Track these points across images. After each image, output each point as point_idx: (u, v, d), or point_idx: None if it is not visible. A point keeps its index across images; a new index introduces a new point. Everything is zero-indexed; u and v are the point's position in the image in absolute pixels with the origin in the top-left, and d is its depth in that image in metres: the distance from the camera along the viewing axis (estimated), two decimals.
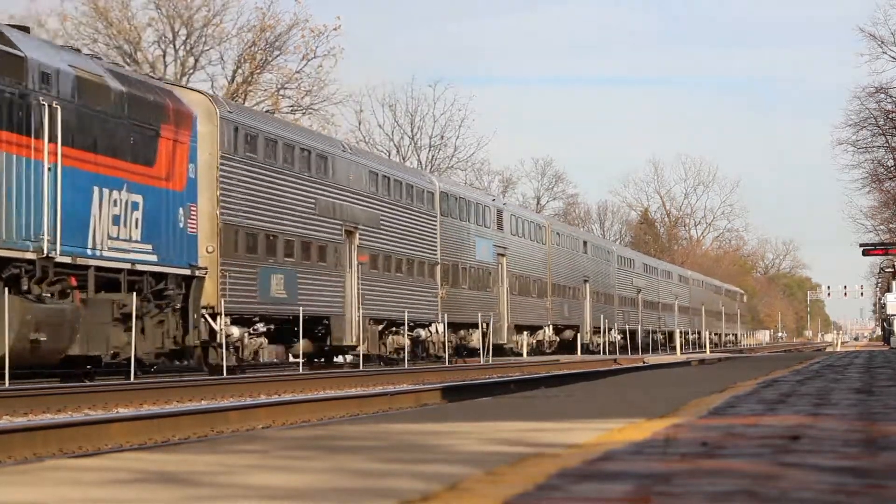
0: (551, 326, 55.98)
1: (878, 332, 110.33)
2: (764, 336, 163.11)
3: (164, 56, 53.92)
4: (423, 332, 40.63)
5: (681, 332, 78.46)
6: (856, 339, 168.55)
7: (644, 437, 4.95)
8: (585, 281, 62.51)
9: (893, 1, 54.86)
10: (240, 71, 55.56)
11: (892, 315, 65.40)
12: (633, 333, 67.94)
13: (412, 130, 77.87)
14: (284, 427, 13.96)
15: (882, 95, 55.02)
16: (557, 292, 56.99)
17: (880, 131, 57.08)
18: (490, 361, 41.85)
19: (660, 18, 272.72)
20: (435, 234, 42.18)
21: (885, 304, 72.06)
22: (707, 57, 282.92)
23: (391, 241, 38.26)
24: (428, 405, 18.20)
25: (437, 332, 41.55)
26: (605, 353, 60.11)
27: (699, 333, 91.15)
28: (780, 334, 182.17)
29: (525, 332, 52.25)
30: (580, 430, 5.36)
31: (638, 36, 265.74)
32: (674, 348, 69.55)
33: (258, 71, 55.71)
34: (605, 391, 10.13)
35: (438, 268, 42.11)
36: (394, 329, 38.46)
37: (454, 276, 43.62)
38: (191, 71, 54.16)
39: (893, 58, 53.78)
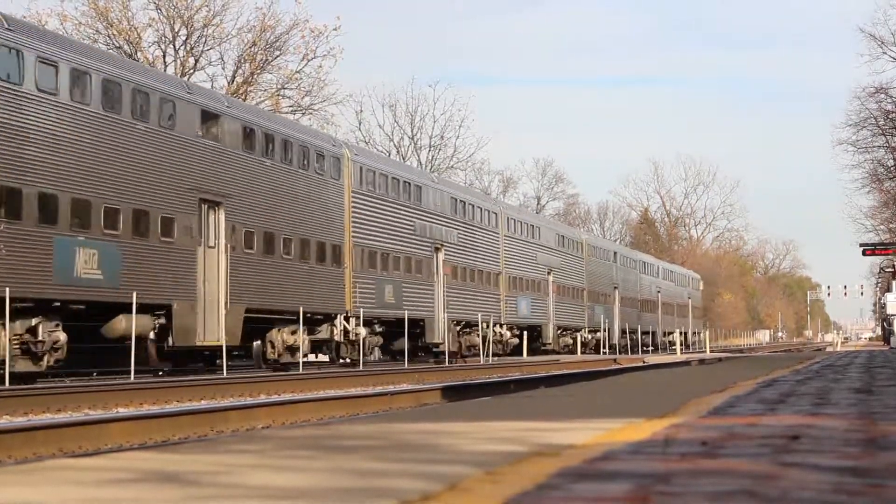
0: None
1: (878, 331, 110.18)
2: (764, 336, 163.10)
3: (164, 56, 53.93)
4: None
5: (553, 329, 55.90)
6: (857, 338, 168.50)
7: (644, 437, 4.95)
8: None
9: (893, 1, 54.95)
10: (240, 71, 55.59)
11: (892, 315, 65.38)
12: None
13: (412, 130, 78.03)
14: (284, 427, 13.96)
15: (882, 95, 55.08)
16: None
17: (880, 131, 57.11)
18: (490, 361, 41.91)
19: (659, 18, 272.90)
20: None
21: (885, 304, 72.05)
22: (707, 57, 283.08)
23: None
24: (428, 405, 18.20)
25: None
26: (604, 352, 60.23)
27: (609, 332, 63.99)
28: (780, 334, 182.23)
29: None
30: (580, 430, 5.36)
31: (638, 36, 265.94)
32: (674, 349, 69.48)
33: (258, 71, 55.72)
34: (605, 391, 10.13)
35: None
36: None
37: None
38: (191, 71, 54.14)
39: (893, 58, 53.82)
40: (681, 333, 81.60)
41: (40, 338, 22.60)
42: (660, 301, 78.06)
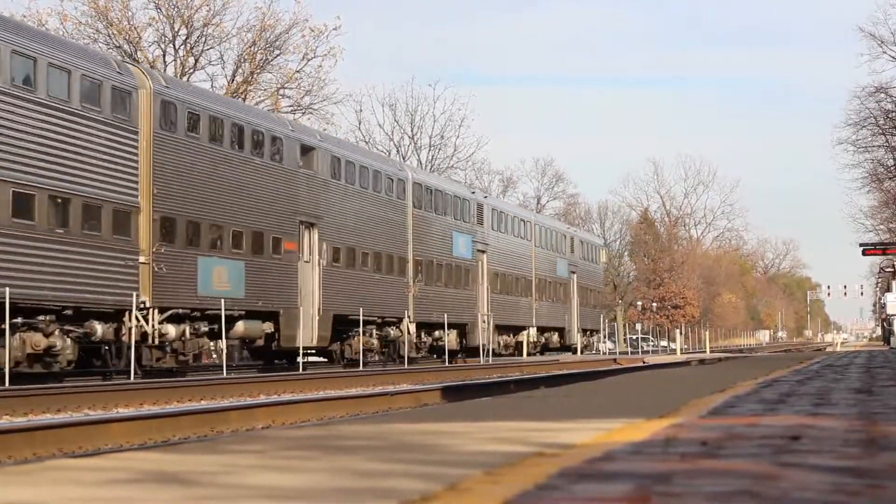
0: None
1: (878, 331, 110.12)
2: (764, 336, 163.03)
3: (164, 56, 53.89)
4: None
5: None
6: (856, 338, 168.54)
7: (644, 437, 4.94)
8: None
9: (893, 1, 54.92)
10: (240, 71, 55.54)
11: (892, 315, 65.35)
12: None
13: (412, 130, 77.93)
14: (284, 427, 13.96)
15: (882, 95, 55.10)
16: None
17: (880, 131, 57.12)
18: (490, 361, 41.93)
19: (660, 18, 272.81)
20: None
21: (885, 304, 72.01)
22: (707, 57, 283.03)
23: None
24: (428, 405, 18.19)
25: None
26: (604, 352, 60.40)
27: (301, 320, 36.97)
28: (779, 334, 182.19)
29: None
30: (580, 430, 5.36)
31: (638, 36, 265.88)
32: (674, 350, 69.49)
33: (258, 71, 55.68)
34: (605, 391, 10.13)
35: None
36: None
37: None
38: (191, 71, 54.12)
39: (893, 58, 53.84)
40: (547, 330, 56.82)
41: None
42: (484, 270, 48.14)
